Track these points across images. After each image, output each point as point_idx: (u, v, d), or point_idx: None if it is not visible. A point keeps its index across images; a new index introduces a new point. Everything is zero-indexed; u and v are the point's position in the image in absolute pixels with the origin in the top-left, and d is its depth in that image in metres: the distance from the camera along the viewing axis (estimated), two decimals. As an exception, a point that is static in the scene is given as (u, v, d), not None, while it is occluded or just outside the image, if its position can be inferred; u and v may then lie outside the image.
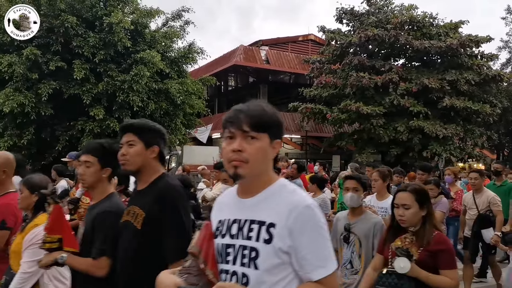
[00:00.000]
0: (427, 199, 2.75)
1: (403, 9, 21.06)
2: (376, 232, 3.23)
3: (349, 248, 3.34)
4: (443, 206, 5.27)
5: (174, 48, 14.59)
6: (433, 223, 2.71)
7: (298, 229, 1.34)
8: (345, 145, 20.38)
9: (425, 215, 2.70)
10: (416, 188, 2.77)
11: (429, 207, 2.74)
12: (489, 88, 20.47)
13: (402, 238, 2.67)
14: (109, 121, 12.03)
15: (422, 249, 2.61)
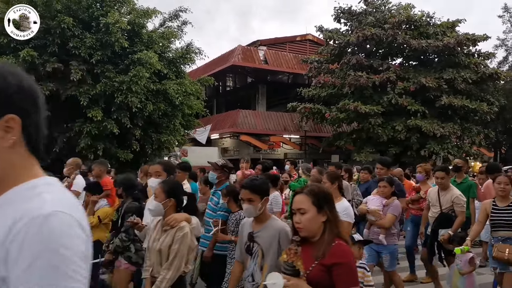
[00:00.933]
0: (327, 202, 2.32)
1: (400, 9, 21.09)
2: (282, 240, 2.80)
3: (253, 259, 2.94)
4: (394, 209, 4.96)
5: (171, 48, 14.55)
6: (336, 231, 2.28)
7: (15, 252, 0.84)
8: (344, 144, 20.40)
9: (326, 221, 2.28)
10: (314, 190, 2.35)
11: (331, 212, 2.31)
12: (486, 87, 20.54)
13: (287, 249, 2.32)
14: (107, 122, 11.98)
15: (316, 263, 2.19)
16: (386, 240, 4.91)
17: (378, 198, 5.13)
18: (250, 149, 24.08)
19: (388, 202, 5.02)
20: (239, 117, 23.43)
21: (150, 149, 13.77)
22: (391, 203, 5.01)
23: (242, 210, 3.52)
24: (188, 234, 3.14)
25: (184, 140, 16.16)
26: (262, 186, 3.09)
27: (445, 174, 5.55)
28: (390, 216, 4.93)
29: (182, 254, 3.09)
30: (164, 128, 13.96)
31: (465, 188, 6.31)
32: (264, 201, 3.01)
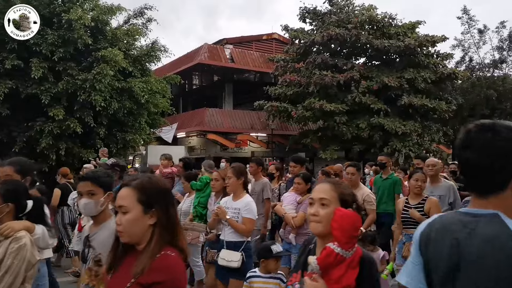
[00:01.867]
0: (159, 200, 1.77)
1: (363, 9, 21.60)
2: None
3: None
4: (307, 207, 4.73)
5: (136, 46, 14.33)
6: (167, 238, 1.73)
7: None
8: (310, 142, 20.72)
9: (155, 224, 1.73)
10: (143, 183, 1.78)
11: (164, 213, 1.75)
12: (444, 86, 21.37)
13: (87, 269, 1.94)
14: (70, 121, 11.68)
15: (132, 282, 1.64)
16: (297, 239, 4.70)
17: (292, 194, 4.96)
18: (217, 148, 24.06)
19: (301, 199, 4.82)
20: (206, 115, 23.35)
21: (115, 148, 13.50)
22: (304, 201, 4.73)
23: None
24: (27, 246, 2.58)
25: (150, 139, 15.96)
26: (106, 178, 2.63)
27: (355, 170, 5.32)
28: (301, 214, 4.71)
29: (16, 270, 2.51)
30: (129, 127, 13.74)
31: (390, 184, 6.40)
32: (107, 196, 2.55)
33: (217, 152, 23.84)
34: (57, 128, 11.57)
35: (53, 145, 11.73)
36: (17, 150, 11.61)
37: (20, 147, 11.70)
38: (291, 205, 4.87)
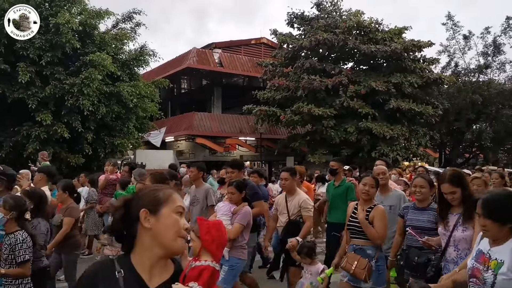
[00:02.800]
0: None
1: (351, 15, 21.82)
2: None
3: None
4: (242, 218, 4.38)
5: (125, 50, 14.30)
6: None
7: None
8: (299, 146, 20.81)
9: None
10: None
11: None
12: (431, 91, 21.64)
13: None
14: (57, 126, 11.60)
15: None
16: (230, 253, 4.35)
17: (226, 204, 4.58)
18: (206, 152, 24.02)
19: (236, 210, 4.43)
20: (195, 119, 23.31)
21: (103, 153, 13.44)
22: (240, 211, 4.41)
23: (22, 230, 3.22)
24: None
25: (138, 143, 15.91)
26: None
27: (289, 175, 4.90)
28: (236, 226, 4.36)
29: None
30: (117, 131, 13.69)
31: (343, 190, 6.06)
32: None
33: (206, 156, 23.80)
34: (44, 133, 11.49)
35: (40, 150, 11.61)
36: (3, 155, 11.50)
37: (7, 152, 11.59)
38: (226, 215, 4.46)
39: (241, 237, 4.44)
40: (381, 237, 3.98)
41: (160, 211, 1.40)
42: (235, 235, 4.33)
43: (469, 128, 26.22)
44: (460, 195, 3.23)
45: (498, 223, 2.22)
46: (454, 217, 3.30)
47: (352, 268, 3.79)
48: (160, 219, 1.39)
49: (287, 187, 4.92)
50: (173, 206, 1.42)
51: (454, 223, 3.26)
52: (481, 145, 25.88)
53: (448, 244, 3.27)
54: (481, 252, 2.38)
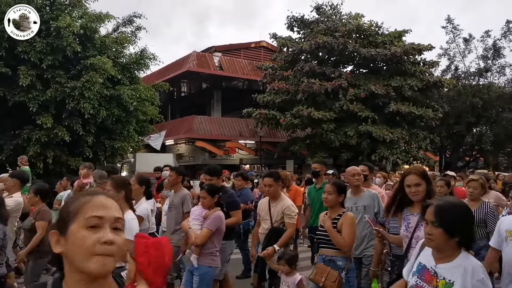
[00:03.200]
0: None
1: (350, 18, 21.88)
2: None
3: None
4: (211, 223, 4.16)
5: (125, 54, 14.34)
6: None
7: None
8: (298, 149, 20.81)
9: None
10: None
11: None
12: (431, 94, 21.67)
13: None
14: (58, 129, 11.61)
15: None
16: (200, 260, 4.15)
17: (199, 208, 4.41)
18: (206, 155, 24.03)
19: (207, 214, 4.26)
20: (194, 123, 23.34)
21: (103, 156, 13.46)
22: (211, 215, 4.24)
23: None
24: None
25: (139, 146, 15.92)
26: None
27: (273, 181, 4.63)
28: (203, 231, 4.15)
29: None
30: (117, 135, 13.71)
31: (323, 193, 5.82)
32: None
33: (205, 160, 23.81)
34: (45, 136, 11.50)
35: (41, 153, 11.65)
36: (3, 158, 11.50)
37: (7, 155, 11.59)
38: (197, 220, 4.30)
39: (211, 243, 4.20)
40: (349, 245, 3.78)
41: (69, 229, 1.16)
42: (202, 241, 4.12)
43: (469, 131, 26.25)
44: (425, 189, 3.10)
45: (448, 234, 2.08)
46: (415, 217, 3.12)
47: (321, 280, 3.64)
48: (69, 238, 1.15)
49: (272, 193, 4.65)
50: (83, 219, 1.15)
51: (416, 223, 3.10)
52: (481, 149, 25.92)
53: (410, 246, 3.08)
54: (425, 268, 2.22)
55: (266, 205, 4.68)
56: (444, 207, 2.16)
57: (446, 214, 2.12)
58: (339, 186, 3.95)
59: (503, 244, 3.51)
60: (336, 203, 3.90)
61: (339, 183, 4.08)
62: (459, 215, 2.15)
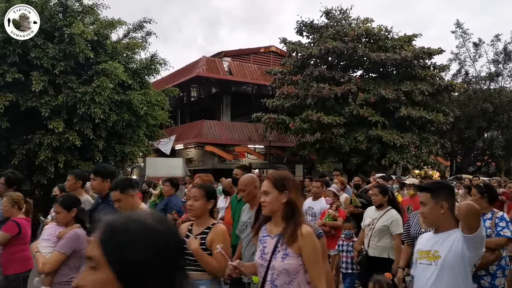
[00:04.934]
0: None
1: (360, 22, 21.84)
2: None
3: None
4: (63, 244, 3.43)
5: (136, 59, 14.46)
6: None
7: None
8: (307, 154, 20.77)
9: None
10: None
11: None
12: (441, 98, 21.51)
13: None
14: (69, 134, 11.73)
15: None
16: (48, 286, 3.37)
17: (53, 226, 3.63)
18: (215, 160, 24.09)
19: (62, 233, 3.48)
20: (204, 127, 23.42)
21: (113, 161, 13.55)
22: (65, 234, 3.43)
23: None
24: None
25: (149, 151, 16.01)
26: None
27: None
28: (53, 255, 3.36)
29: None
30: (128, 139, 13.79)
31: None
32: None
33: (214, 164, 23.87)
34: (56, 141, 11.62)
35: (52, 157, 11.76)
36: (16, 162, 11.64)
37: (19, 160, 11.73)
38: (47, 241, 3.51)
39: (66, 270, 3.37)
40: (223, 268, 2.84)
41: None
42: (51, 267, 3.30)
43: (480, 136, 26.01)
44: (275, 199, 2.36)
45: None
46: (272, 240, 2.39)
47: None
48: None
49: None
50: None
51: (273, 247, 2.36)
52: (492, 154, 25.65)
53: (265, 279, 2.37)
54: None
55: None
56: None
57: None
58: (208, 190, 3.17)
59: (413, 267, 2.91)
60: (204, 211, 3.11)
61: (207, 186, 3.30)
62: None
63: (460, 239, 2.51)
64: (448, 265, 2.56)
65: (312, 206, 6.07)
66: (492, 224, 3.99)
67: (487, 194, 4.12)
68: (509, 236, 3.91)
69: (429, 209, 2.68)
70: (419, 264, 2.77)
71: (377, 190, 5.04)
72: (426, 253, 2.71)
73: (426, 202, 2.70)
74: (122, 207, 3.36)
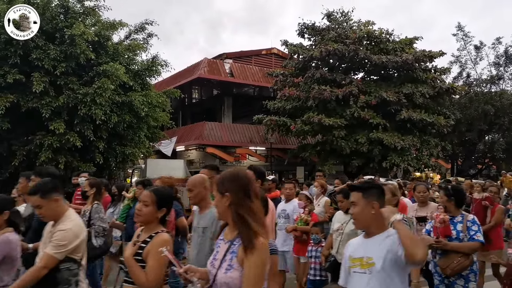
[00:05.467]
0: None
1: (361, 25, 21.85)
2: None
3: None
4: None
5: (137, 60, 14.47)
6: None
7: None
8: (309, 156, 20.76)
9: None
10: None
11: None
12: (442, 101, 21.49)
13: None
14: (69, 135, 11.73)
15: None
16: None
17: None
18: (216, 161, 24.06)
19: None
20: (205, 129, 23.43)
21: (114, 162, 13.56)
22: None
23: None
24: None
25: (150, 152, 16.00)
26: None
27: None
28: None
29: None
30: (128, 141, 13.80)
31: None
32: None
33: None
34: (56, 142, 11.62)
35: (53, 158, 11.77)
36: (16, 163, 11.65)
37: (20, 161, 11.74)
38: None
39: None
40: (152, 284, 2.57)
41: None
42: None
43: (481, 139, 25.97)
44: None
45: None
46: (225, 244, 2.13)
47: None
48: None
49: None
50: None
51: (223, 254, 2.11)
52: (493, 156, 25.59)
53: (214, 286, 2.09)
54: None
55: None
56: None
57: None
58: (161, 196, 2.79)
59: (347, 278, 2.64)
60: (152, 219, 2.74)
61: (161, 192, 2.87)
62: None
63: (396, 243, 2.36)
64: (383, 274, 2.39)
65: (285, 208, 5.97)
66: (464, 227, 3.90)
67: (454, 197, 4.01)
68: (483, 241, 3.86)
69: (360, 209, 2.52)
70: (353, 273, 2.55)
71: (341, 195, 4.89)
72: (358, 261, 2.52)
73: (357, 202, 2.54)
74: (44, 215, 2.95)
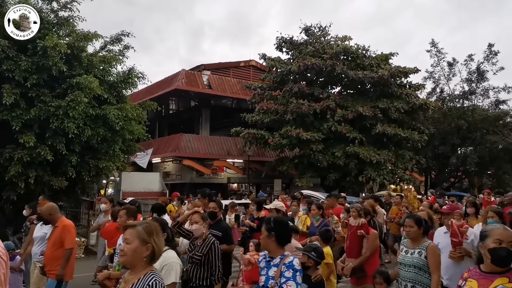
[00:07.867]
0: None
1: (338, 40, 22.16)
2: None
3: None
4: None
5: (113, 72, 14.19)
6: None
7: None
8: (287, 169, 20.79)
9: None
10: None
11: None
12: (417, 116, 21.95)
13: None
14: (41, 148, 11.35)
15: None
16: None
17: None
18: (193, 174, 23.84)
19: None
20: (182, 141, 23.20)
21: (87, 176, 13.18)
22: None
23: None
24: None
25: (124, 166, 15.66)
26: None
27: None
28: None
29: None
30: (103, 154, 13.45)
31: None
32: None
33: (193, 178, 23.62)
34: (27, 156, 11.22)
35: (22, 173, 11.35)
36: (-16, 177, 11.21)
37: (-12, 175, 11.30)
38: None
39: None
40: None
41: None
42: None
43: (454, 152, 26.57)
44: None
45: None
46: None
47: None
48: None
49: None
50: None
51: None
52: (466, 170, 26.18)
53: None
54: None
55: None
56: None
57: None
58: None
59: None
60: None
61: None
62: None
63: None
64: None
65: None
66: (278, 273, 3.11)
67: (274, 232, 3.22)
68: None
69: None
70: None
71: None
72: None
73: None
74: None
